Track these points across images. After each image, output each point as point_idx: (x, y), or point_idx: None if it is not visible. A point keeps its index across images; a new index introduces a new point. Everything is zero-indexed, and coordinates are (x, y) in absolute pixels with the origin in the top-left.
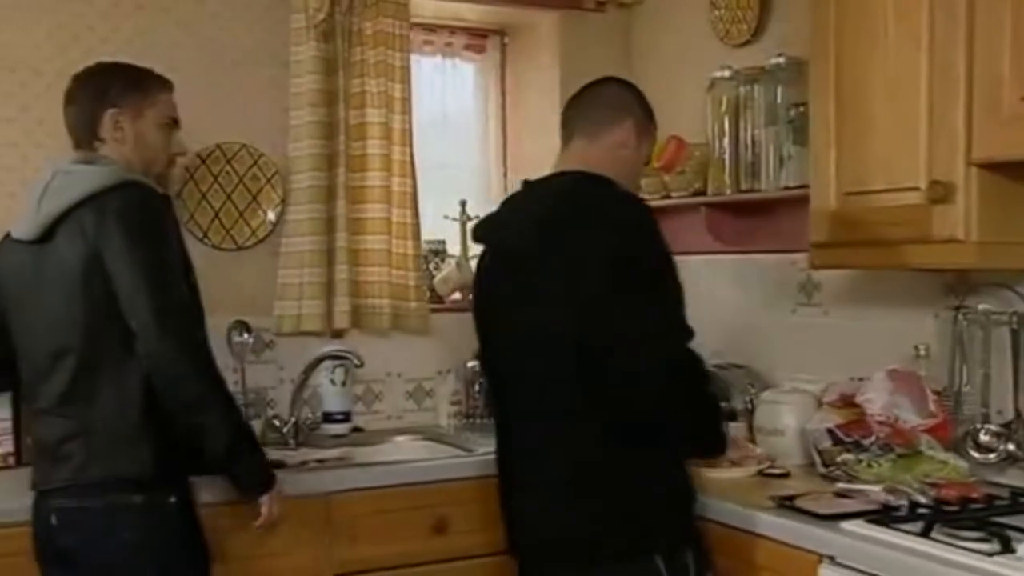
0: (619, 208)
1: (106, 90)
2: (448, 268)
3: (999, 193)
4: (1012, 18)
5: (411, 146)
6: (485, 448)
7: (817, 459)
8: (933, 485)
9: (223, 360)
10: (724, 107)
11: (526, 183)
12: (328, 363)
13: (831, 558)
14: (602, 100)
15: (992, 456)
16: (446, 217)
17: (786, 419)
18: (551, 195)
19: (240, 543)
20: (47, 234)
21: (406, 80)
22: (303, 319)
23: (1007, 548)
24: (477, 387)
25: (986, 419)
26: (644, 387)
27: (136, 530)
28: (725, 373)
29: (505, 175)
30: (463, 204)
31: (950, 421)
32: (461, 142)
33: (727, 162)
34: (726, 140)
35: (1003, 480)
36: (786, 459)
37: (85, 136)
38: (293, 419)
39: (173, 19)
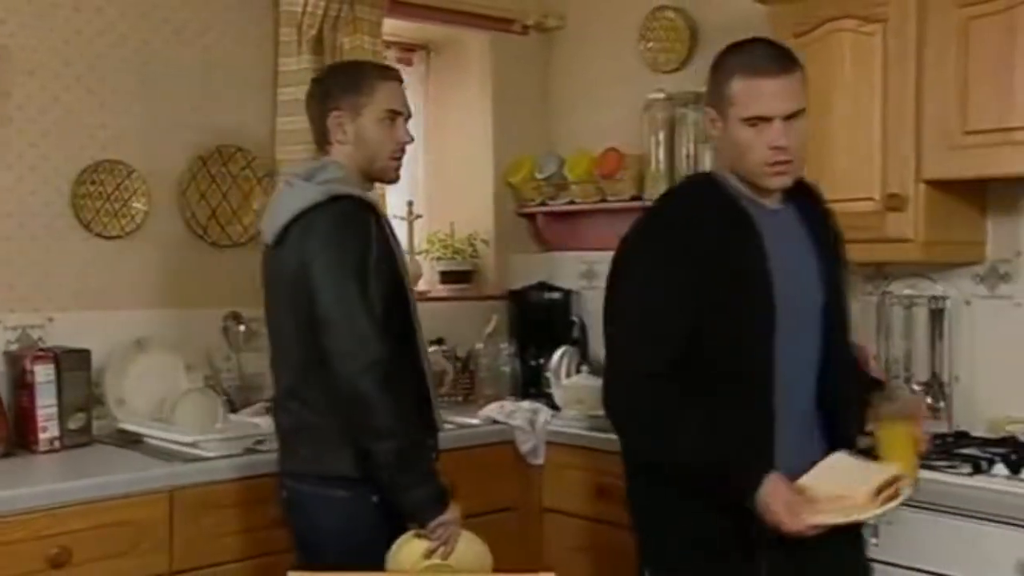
0: None
1: (328, 93)
2: None
3: (941, 204)
4: (954, 69)
5: None
6: (461, 421)
7: None
8: None
9: (220, 349)
10: (660, 125)
11: None
12: None
13: None
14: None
15: None
16: (394, 216)
17: None
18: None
19: None
20: (278, 240)
21: None
22: None
23: (978, 470)
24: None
25: (908, 381)
26: None
27: (341, 519)
28: None
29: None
30: (410, 204)
31: None
32: None
33: (663, 172)
34: (662, 153)
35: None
36: None
37: (320, 140)
38: None
39: (171, 29)
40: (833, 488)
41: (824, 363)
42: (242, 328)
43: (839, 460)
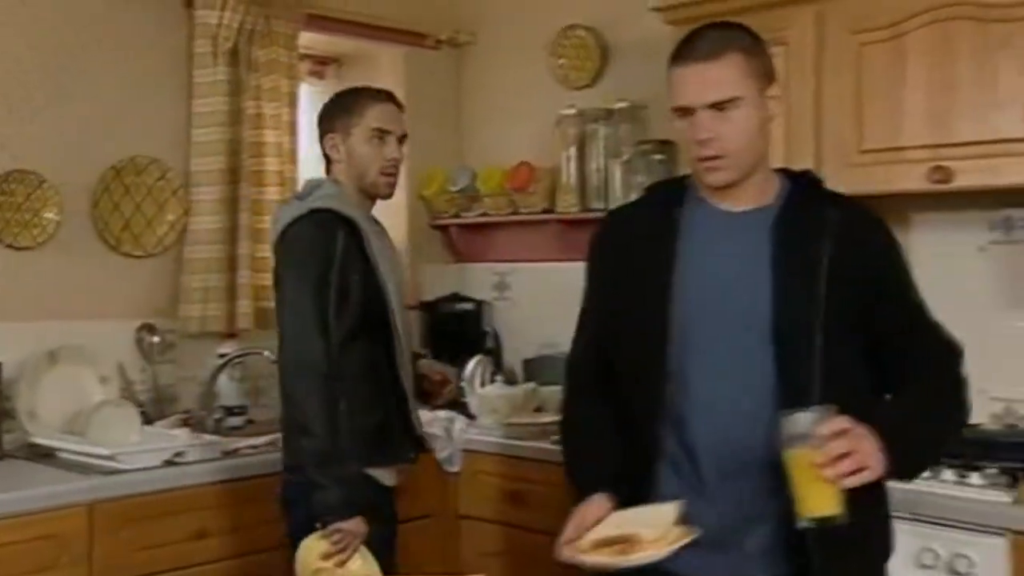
0: None
1: (324, 118)
2: None
3: None
4: (850, 91)
5: (296, 163)
6: None
7: None
8: None
9: (133, 362)
10: (571, 140)
11: None
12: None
13: None
14: None
15: None
16: None
17: None
18: None
19: (223, 520)
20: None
21: (294, 104)
22: (208, 320)
23: None
24: None
25: None
26: None
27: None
28: None
29: None
30: None
31: None
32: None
33: (574, 185)
34: (573, 167)
35: None
36: None
37: (325, 159)
38: (202, 413)
39: (85, 38)
40: (632, 526)
41: (790, 397)
42: (156, 339)
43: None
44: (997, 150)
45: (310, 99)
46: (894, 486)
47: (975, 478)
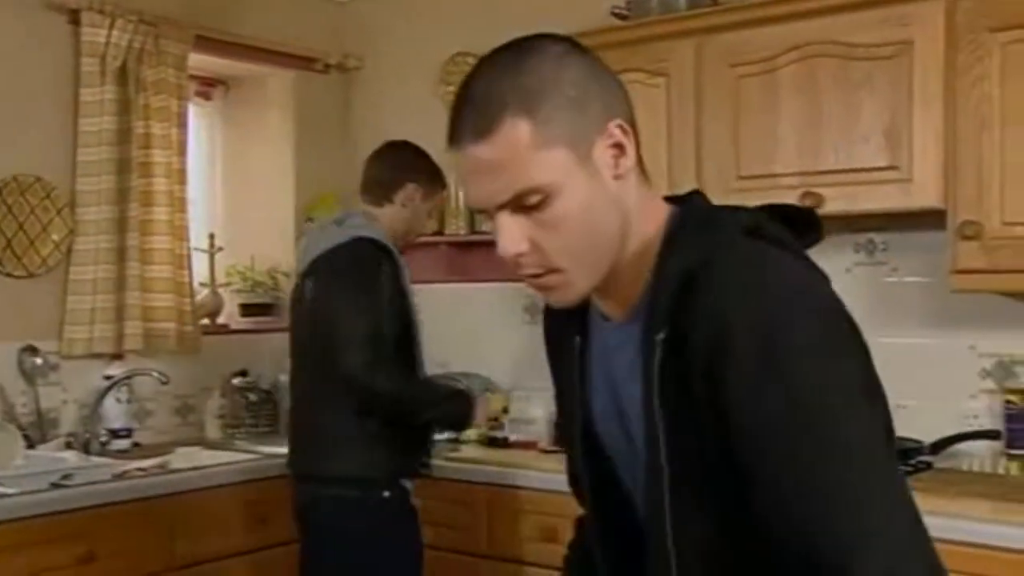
0: None
1: (418, 168)
2: (202, 294)
3: None
4: (728, 121)
5: (186, 184)
6: (268, 451)
7: None
8: None
9: (13, 384)
10: None
11: None
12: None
13: None
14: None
15: None
16: (195, 248)
17: (535, 411)
18: None
19: (112, 544)
20: (307, 273)
21: (183, 124)
22: (95, 342)
23: None
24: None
25: None
26: None
27: (359, 517)
28: (463, 378)
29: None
30: (211, 237)
31: None
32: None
33: (463, 209)
34: (462, 192)
35: None
36: (540, 442)
37: (376, 192)
38: (87, 435)
39: None
40: None
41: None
42: (39, 361)
43: None
44: (859, 178)
45: (198, 119)
46: None
47: None
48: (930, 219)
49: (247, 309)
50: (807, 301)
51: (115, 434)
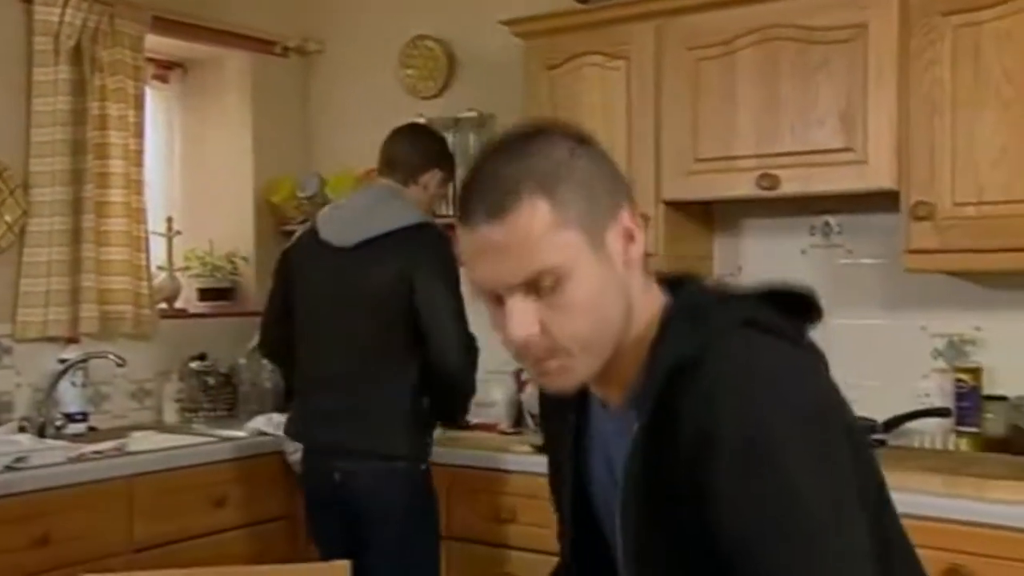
0: None
1: (444, 154)
2: (160, 278)
3: (677, 223)
4: (687, 104)
5: (142, 166)
6: (227, 434)
7: (530, 421)
8: None
9: None
10: None
11: None
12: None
13: None
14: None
15: None
16: (154, 232)
17: (495, 394)
18: None
19: (68, 526)
20: (361, 244)
21: (140, 106)
22: (49, 325)
23: None
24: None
25: None
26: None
27: (403, 489)
28: None
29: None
30: (169, 220)
31: None
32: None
33: None
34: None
35: None
36: (500, 424)
37: (405, 170)
38: (42, 419)
39: None
40: None
41: None
42: None
43: None
44: (815, 160)
45: (155, 102)
46: None
47: None
48: (884, 201)
49: (205, 294)
50: (797, 400)
51: (70, 418)
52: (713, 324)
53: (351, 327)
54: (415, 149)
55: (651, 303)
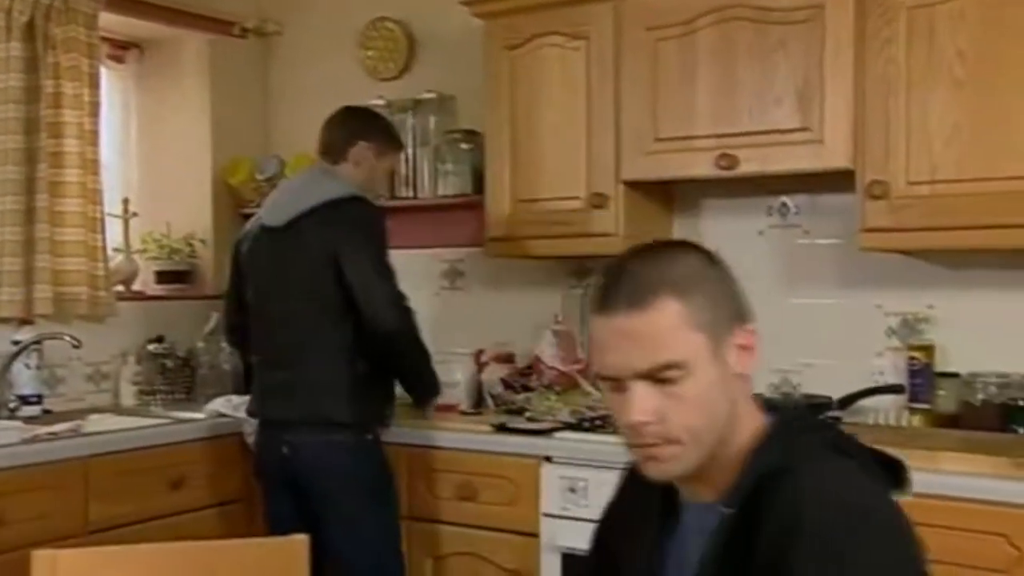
0: None
1: (368, 127)
2: (116, 260)
3: (637, 203)
4: (646, 84)
5: (98, 146)
6: (185, 416)
7: (490, 401)
8: (590, 408)
9: None
10: None
11: None
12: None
13: (548, 458)
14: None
15: None
16: (109, 214)
17: (456, 375)
18: None
19: (20, 508)
20: (292, 223)
21: (95, 84)
22: (2, 306)
23: None
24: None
25: None
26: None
27: (347, 460)
28: None
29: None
30: (125, 202)
31: (573, 368)
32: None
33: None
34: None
35: None
36: (460, 405)
37: (330, 153)
38: None
39: None
40: None
41: None
42: None
43: None
44: (773, 140)
45: (112, 83)
46: None
47: None
48: (840, 181)
49: (163, 276)
50: (877, 519)
51: (24, 400)
52: (811, 440)
53: (287, 302)
54: (340, 128)
55: (753, 416)
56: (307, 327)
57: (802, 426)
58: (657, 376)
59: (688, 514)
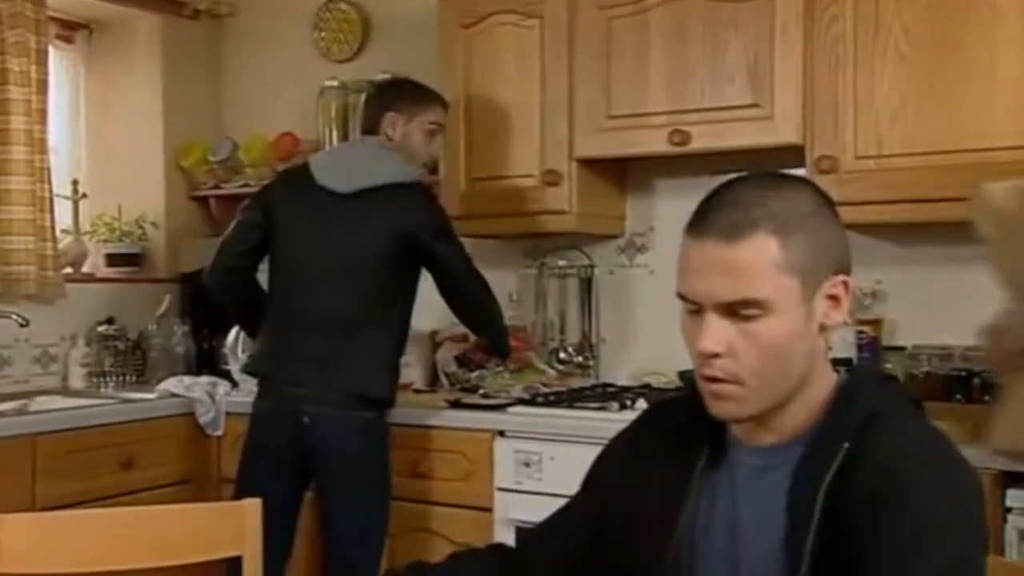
0: None
1: (390, 96)
2: (65, 241)
3: (590, 181)
4: (600, 61)
5: (46, 124)
6: (135, 396)
7: (445, 380)
8: (544, 384)
9: None
10: (334, 112)
11: None
12: None
13: (502, 433)
14: None
15: (569, 366)
16: (58, 195)
17: (410, 354)
18: None
19: None
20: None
21: (43, 62)
22: None
23: (624, 407)
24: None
25: (563, 343)
26: None
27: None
28: None
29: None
30: (75, 183)
31: (526, 346)
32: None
33: None
34: (335, 138)
35: (578, 383)
36: (414, 383)
37: (368, 132)
38: None
39: None
40: None
41: None
42: None
43: None
44: (724, 116)
45: (61, 64)
46: None
47: None
48: (791, 157)
49: (113, 259)
50: (971, 483)
51: None
52: (898, 394)
53: (348, 271)
54: (368, 107)
55: (829, 373)
56: (365, 301)
57: (883, 378)
58: (737, 311)
59: (741, 453)
